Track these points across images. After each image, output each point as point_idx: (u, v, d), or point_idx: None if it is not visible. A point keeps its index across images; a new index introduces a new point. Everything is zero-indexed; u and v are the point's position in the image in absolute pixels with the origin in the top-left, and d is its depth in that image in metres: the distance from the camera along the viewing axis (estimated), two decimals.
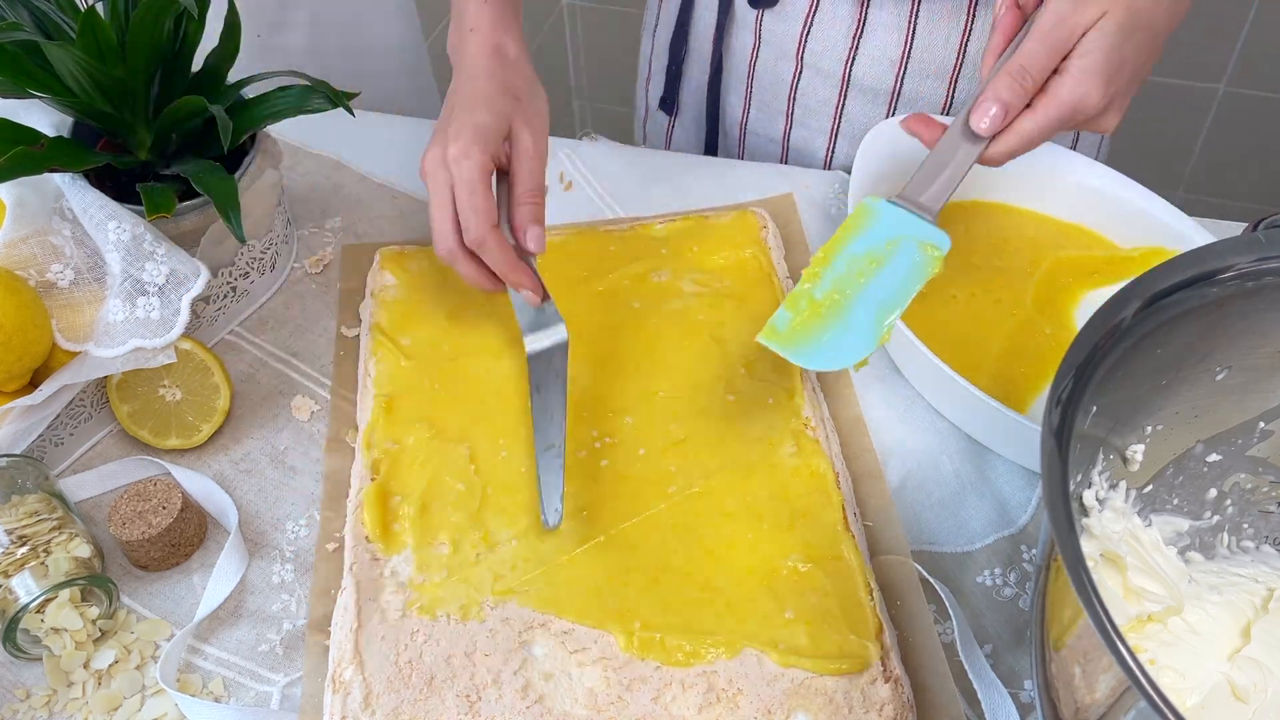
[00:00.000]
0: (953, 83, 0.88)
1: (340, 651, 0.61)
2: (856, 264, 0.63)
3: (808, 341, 0.62)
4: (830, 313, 0.62)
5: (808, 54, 0.90)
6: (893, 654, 0.60)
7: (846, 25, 0.87)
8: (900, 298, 0.62)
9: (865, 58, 0.88)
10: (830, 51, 0.89)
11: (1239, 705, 0.57)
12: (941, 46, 0.86)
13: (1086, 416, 0.51)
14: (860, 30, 0.87)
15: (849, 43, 0.88)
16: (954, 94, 0.89)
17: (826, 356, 0.62)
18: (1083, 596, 0.42)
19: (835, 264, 0.63)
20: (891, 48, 0.87)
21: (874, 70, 0.89)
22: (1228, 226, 0.85)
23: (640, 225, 0.85)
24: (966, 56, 0.86)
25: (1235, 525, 0.63)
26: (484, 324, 0.77)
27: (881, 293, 0.62)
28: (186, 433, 0.72)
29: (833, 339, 0.61)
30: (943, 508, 0.70)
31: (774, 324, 0.62)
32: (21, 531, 0.63)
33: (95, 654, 0.62)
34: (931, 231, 0.63)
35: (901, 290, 0.62)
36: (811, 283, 0.63)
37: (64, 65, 0.66)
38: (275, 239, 0.81)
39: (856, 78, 0.89)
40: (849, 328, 0.61)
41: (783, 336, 0.62)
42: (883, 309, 0.61)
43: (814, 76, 0.91)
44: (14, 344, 0.66)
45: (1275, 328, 0.56)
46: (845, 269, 0.63)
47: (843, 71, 0.89)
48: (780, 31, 0.90)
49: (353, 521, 0.67)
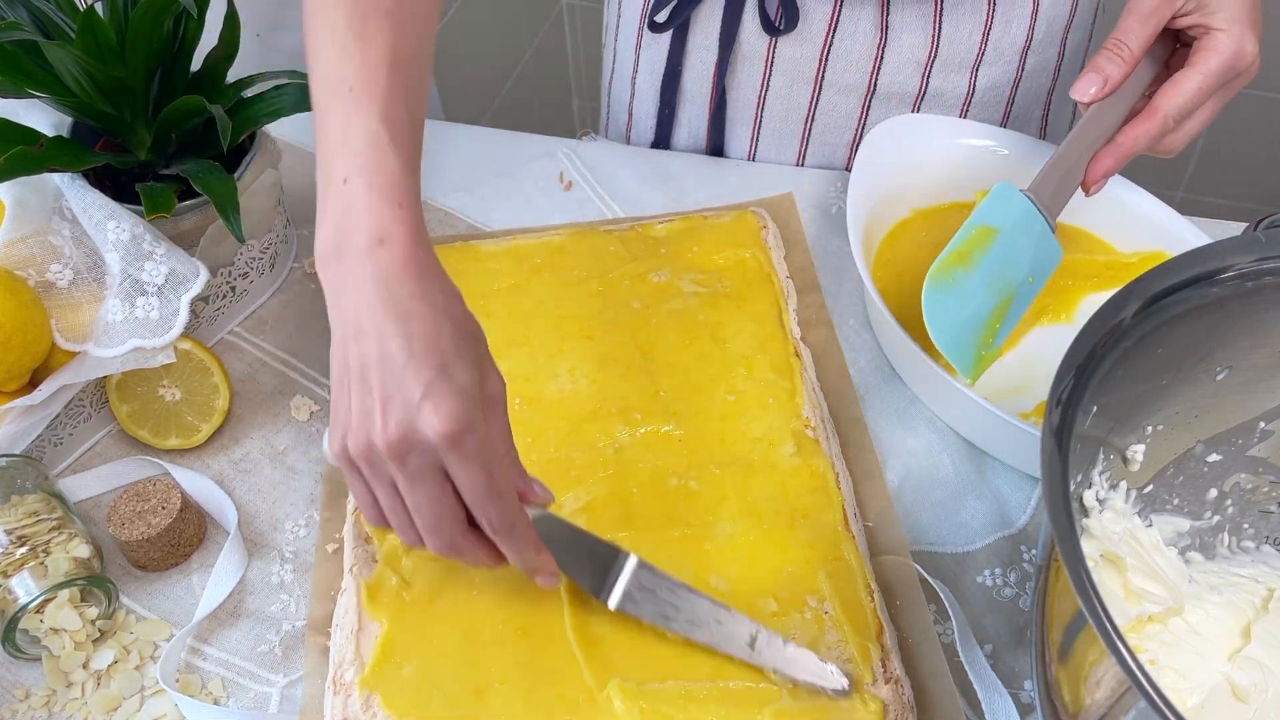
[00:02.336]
0: (974, 72, 0.86)
1: (341, 653, 0.61)
2: (1011, 259, 0.68)
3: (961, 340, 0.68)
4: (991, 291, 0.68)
5: (829, 73, 0.86)
6: (892, 655, 0.60)
7: (870, 35, 0.84)
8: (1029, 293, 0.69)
9: (891, 64, 0.85)
10: (854, 66, 0.85)
11: (1239, 705, 0.57)
12: (967, 37, 0.84)
13: (1086, 416, 0.51)
14: (884, 38, 0.84)
15: (874, 53, 0.84)
16: (976, 83, 0.87)
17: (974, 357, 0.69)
18: (1083, 597, 0.42)
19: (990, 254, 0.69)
20: (918, 49, 0.84)
21: (900, 76, 0.86)
22: (1228, 226, 0.85)
23: (640, 225, 0.84)
24: (989, 43, 0.85)
25: (1236, 525, 0.63)
26: (484, 324, 0.76)
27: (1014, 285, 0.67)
28: (186, 433, 0.72)
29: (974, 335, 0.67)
30: (942, 508, 0.70)
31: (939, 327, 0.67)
32: (21, 532, 0.63)
33: (95, 654, 0.62)
34: (1052, 243, 0.68)
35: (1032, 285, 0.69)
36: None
37: (63, 65, 0.66)
38: (274, 239, 0.81)
39: (882, 87, 0.87)
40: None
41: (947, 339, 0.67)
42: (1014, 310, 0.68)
43: (835, 94, 0.88)
44: (14, 344, 0.66)
45: (1275, 328, 0.56)
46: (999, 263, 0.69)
47: (868, 83, 0.86)
48: (797, 56, 0.86)
49: (353, 522, 0.67)
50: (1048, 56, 0.88)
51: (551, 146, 0.94)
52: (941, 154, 0.82)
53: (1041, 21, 0.85)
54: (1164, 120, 0.64)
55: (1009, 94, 0.89)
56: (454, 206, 0.89)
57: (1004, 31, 0.85)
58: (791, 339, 0.76)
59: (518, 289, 0.79)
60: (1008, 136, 0.83)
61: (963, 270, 0.67)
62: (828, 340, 0.77)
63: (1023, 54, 0.86)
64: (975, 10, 0.83)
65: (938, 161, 0.82)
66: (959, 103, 0.88)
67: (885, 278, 0.78)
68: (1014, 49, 0.86)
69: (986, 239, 0.67)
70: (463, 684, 0.59)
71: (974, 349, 0.67)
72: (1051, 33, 0.87)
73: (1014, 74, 0.88)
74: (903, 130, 0.82)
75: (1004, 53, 0.86)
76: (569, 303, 0.78)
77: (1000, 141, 0.83)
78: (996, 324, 0.68)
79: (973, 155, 0.82)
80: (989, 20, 0.84)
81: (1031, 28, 0.85)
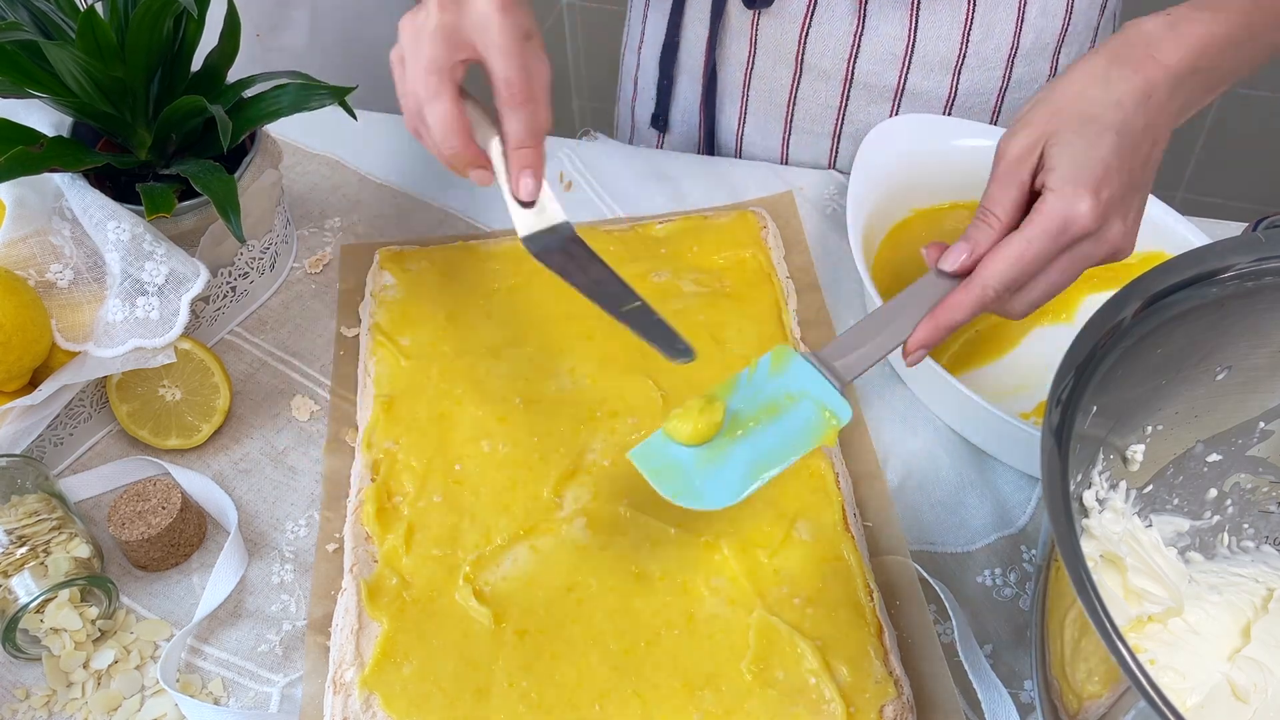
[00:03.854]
0: (956, 75, 0.87)
1: (341, 653, 0.61)
2: (754, 406, 0.57)
3: (678, 473, 0.57)
4: (711, 448, 0.57)
5: (808, 55, 0.88)
6: (892, 654, 0.60)
7: (847, 22, 0.86)
8: (781, 457, 0.56)
9: (868, 54, 0.87)
10: (832, 51, 0.87)
11: (1239, 705, 0.57)
12: (945, 37, 0.85)
13: (1086, 416, 0.51)
14: (861, 26, 0.85)
15: (850, 40, 0.86)
16: (958, 87, 0.88)
17: (690, 493, 0.56)
18: (1083, 597, 0.42)
19: (736, 396, 0.58)
20: (894, 41, 0.86)
21: (877, 67, 0.87)
22: (1228, 226, 0.85)
23: (640, 225, 0.85)
24: (970, 47, 0.85)
25: (1235, 525, 0.63)
26: (484, 324, 0.77)
27: (765, 445, 0.56)
28: (186, 433, 0.72)
29: (703, 477, 0.56)
30: (942, 507, 0.70)
31: (650, 444, 0.57)
32: (21, 531, 0.63)
33: (95, 654, 0.62)
34: (836, 399, 0.57)
35: (786, 449, 0.56)
36: (704, 409, 0.57)
37: (64, 65, 0.66)
38: (275, 239, 0.81)
39: (860, 76, 0.88)
40: (722, 470, 0.56)
41: (654, 458, 0.57)
42: (760, 464, 0.56)
43: (815, 79, 0.90)
44: (14, 344, 0.66)
45: (1275, 328, 0.56)
46: (742, 405, 0.58)
47: (845, 71, 0.88)
48: (778, 35, 0.88)
49: (353, 522, 0.67)
50: (1038, 68, 0.88)
51: (551, 146, 0.94)
52: (941, 154, 0.82)
53: (1029, 31, 0.85)
54: (982, 290, 0.56)
55: (994, 101, 0.89)
56: (454, 206, 0.89)
57: (985, 36, 0.85)
58: (791, 339, 0.76)
59: (518, 289, 0.79)
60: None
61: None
62: (828, 340, 0.77)
63: (1008, 62, 0.87)
64: (953, 11, 0.84)
65: (938, 161, 0.82)
66: (940, 104, 0.89)
67: (885, 278, 0.78)
68: (998, 56, 0.86)
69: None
70: (463, 684, 0.59)
71: (739, 489, 0.56)
72: (1041, 44, 0.87)
73: (999, 81, 0.88)
74: (902, 130, 0.82)
75: (986, 59, 0.86)
76: (569, 303, 0.78)
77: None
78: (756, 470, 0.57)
79: (972, 156, 0.82)
80: (968, 22, 0.84)
81: (1016, 36, 0.85)
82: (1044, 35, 0.86)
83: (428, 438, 0.70)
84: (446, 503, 0.67)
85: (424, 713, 0.58)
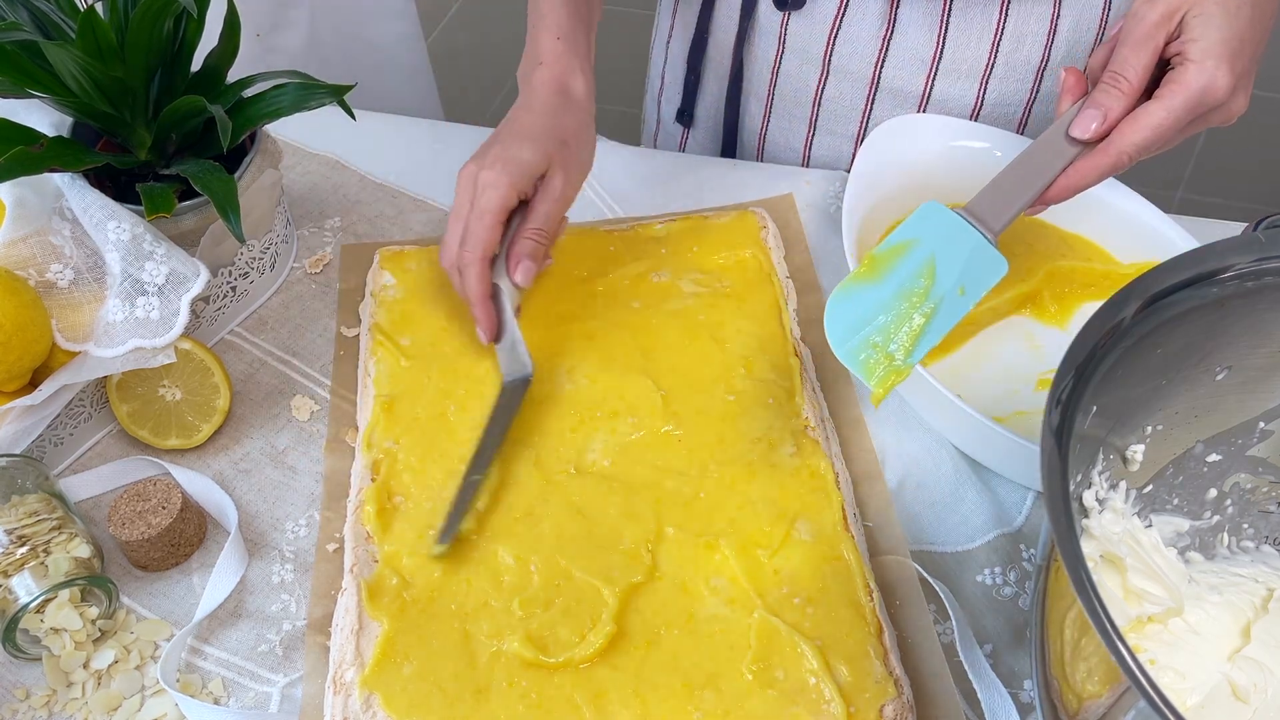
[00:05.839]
0: (984, 84, 0.86)
1: (342, 653, 0.61)
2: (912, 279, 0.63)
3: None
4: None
5: (835, 57, 0.87)
6: (892, 654, 0.60)
7: (876, 25, 0.85)
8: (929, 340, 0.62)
9: (895, 59, 0.86)
10: (859, 54, 0.87)
11: (1239, 705, 0.57)
12: (974, 45, 0.84)
13: (1086, 416, 0.51)
14: (890, 30, 0.84)
15: (879, 44, 0.86)
16: (985, 95, 0.87)
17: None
18: (1083, 597, 0.42)
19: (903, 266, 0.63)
20: (923, 47, 0.85)
21: (904, 72, 0.86)
22: (1228, 226, 0.85)
23: (640, 225, 0.85)
24: (999, 56, 0.85)
25: (1235, 525, 0.63)
26: None
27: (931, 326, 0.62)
28: (186, 433, 0.72)
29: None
30: (941, 507, 0.70)
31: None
32: (21, 531, 0.63)
33: (95, 654, 0.62)
34: (992, 255, 0.62)
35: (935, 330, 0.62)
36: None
37: (64, 65, 0.66)
38: (275, 239, 0.81)
39: (886, 80, 0.87)
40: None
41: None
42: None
43: (841, 81, 0.89)
44: (14, 344, 0.66)
45: (1275, 328, 0.56)
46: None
47: (872, 74, 0.87)
48: (807, 35, 0.87)
49: (353, 522, 0.67)
50: None
51: None
52: (941, 155, 0.82)
53: (1060, 44, 0.85)
54: (1118, 157, 0.60)
55: (1022, 113, 0.89)
56: None
57: (1016, 46, 0.84)
58: (791, 339, 0.76)
59: None
60: (1006, 139, 0.83)
61: (872, 284, 0.64)
62: (827, 340, 0.77)
63: (1038, 73, 0.86)
64: (985, 19, 0.83)
65: (938, 162, 0.82)
66: (966, 112, 0.88)
67: None
68: (1027, 67, 0.86)
69: (899, 254, 0.64)
70: (463, 684, 0.59)
71: (880, 361, 0.62)
72: (1073, 57, 0.86)
73: (1028, 93, 0.87)
74: (903, 130, 0.82)
75: (1016, 69, 0.86)
76: (569, 303, 0.78)
77: (999, 144, 0.83)
78: (911, 338, 0.64)
79: (972, 156, 0.82)
80: (998, 32, 0.84)
81: (1048, 48, 0.85)
82: (1076, 48, 0.85)
83: (428, 438, 0.70)
84: (447, 502, 0.67)
85: (424, 713, 0.58)
